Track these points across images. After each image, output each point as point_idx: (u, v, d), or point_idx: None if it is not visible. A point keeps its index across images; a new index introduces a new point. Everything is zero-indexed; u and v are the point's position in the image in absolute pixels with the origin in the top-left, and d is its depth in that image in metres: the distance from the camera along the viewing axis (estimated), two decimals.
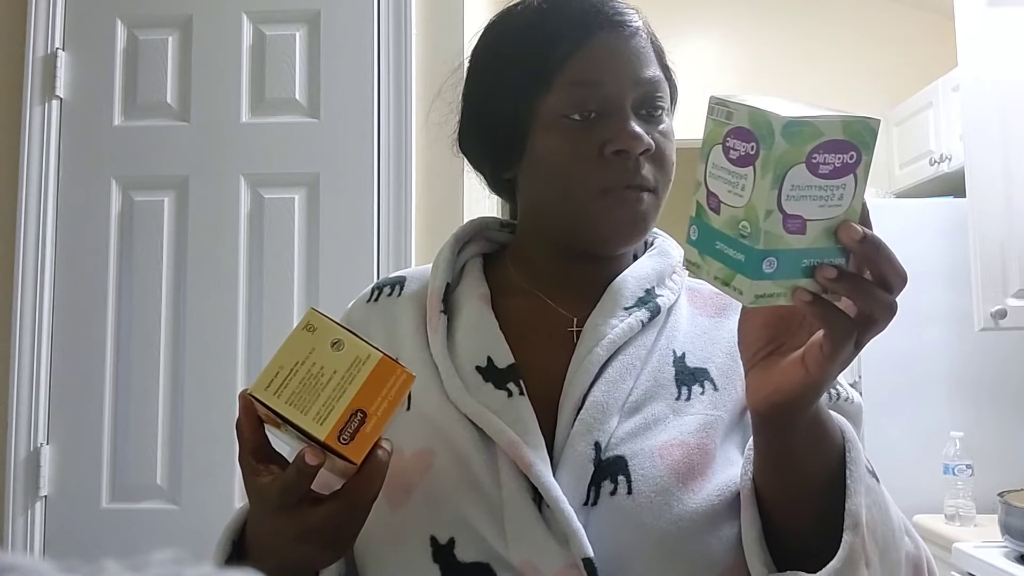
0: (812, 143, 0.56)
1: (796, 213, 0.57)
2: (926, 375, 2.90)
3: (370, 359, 0.65)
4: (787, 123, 0.55)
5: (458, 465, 0.76)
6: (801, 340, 0.64)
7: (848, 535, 0.67)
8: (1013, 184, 2.54)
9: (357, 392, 0.64)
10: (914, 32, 3.78)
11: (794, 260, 0.58)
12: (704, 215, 0.62)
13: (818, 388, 0.63)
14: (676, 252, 0.89)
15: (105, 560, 0.28)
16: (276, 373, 0.65)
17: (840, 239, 0.58)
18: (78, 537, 2.03)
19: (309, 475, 0.64)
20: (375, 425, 0.64)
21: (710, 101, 0.62)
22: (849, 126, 0.57)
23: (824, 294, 0.59)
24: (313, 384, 0.64)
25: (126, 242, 2.13)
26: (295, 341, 0.65)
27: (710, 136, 0.61)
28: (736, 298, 0.59)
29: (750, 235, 0.57)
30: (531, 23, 0.83)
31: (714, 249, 0.61)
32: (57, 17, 2.16)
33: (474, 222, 0.93)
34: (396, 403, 0.65)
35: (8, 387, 2.07)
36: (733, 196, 0.59)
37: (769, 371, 0.65)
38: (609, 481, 0.74)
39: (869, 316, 0.59)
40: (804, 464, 0.70)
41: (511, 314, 0.84)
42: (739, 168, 0.58)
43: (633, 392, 0.78)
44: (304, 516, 0.66)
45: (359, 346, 0.66)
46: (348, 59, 2.13)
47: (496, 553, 0.73)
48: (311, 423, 0.64)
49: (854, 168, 0.58)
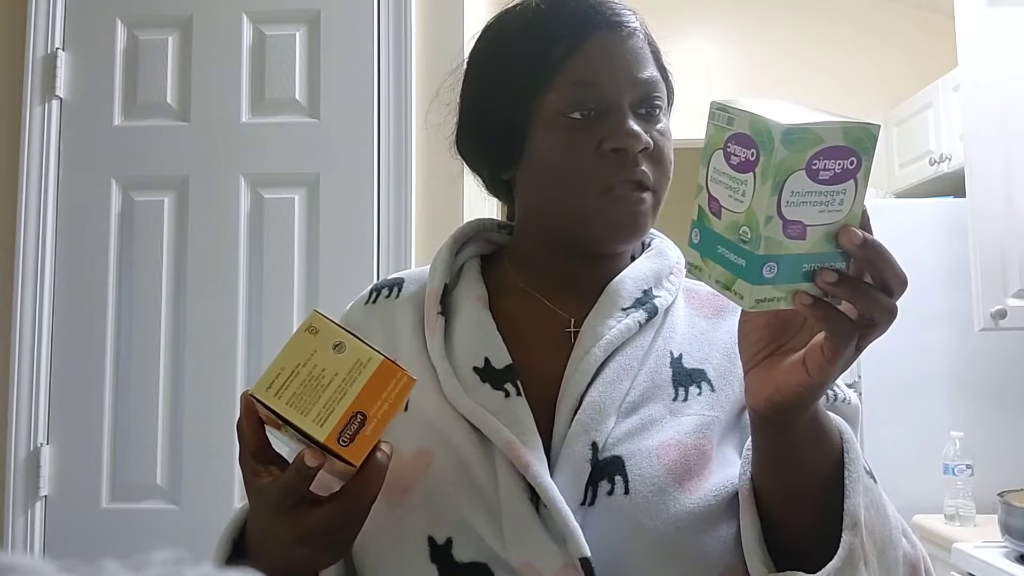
0: (812, 149, 0.56)
1: (796, 219, 0.57)
2: (926, 375, 2.90)
3: (371, 362, 0.65)
4: (787, 130, 0.56)
5: (456, 465, 0.76)
6: (801, 341, 0.64)
7: (847, 535, 0.67)
8: (1013, 184, 2.54)
9: (358, 395, 0.65)
10: (914, 32, 3.78)
11: (795, 265, 0.58)
12: (706, 219, 0.62)
13: (818, 389, 0.63)
14: (673, 253, 0.90)
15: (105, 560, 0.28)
16: (277, 374, 0.65)
17: (841, 243, 0.58)
18: (78, 537, 2.03)
19: (308, 476, 0.64)
20: (375, 428, 0.65)
21: (711, 106, 0.62)
22: (849, 132, 0.57)
23: (825, 298, 0.59)
24: (314, 386, 0.64)
25: (126, 242, 2.13)
26: (297, 342, 0.65)
27: (711, 141, 0.62)
28: (737, 302, 0.60)
29: (750, 240, 0.58)
30: (530, 23, 0.83)
31: (716, 253, 0.61)
32: (57, 17, 2.16)
33: (472, 223, 0.93)
34: (397, 406, 0.65)
35: (8, 387, 2.07)
36: (734, 201, 0.59)
37: (770, 372, 0.65)
38: (606, 481, 0.74)
39: (870, 319, 0.59)
40: (803, 464, 0.70)
41: (509, 315, 0.85)
42: (740, 174, 0.59)
43: (630, 393, 0.79)
44: (303, 517, 0.66)
45: (361, 349, 0.66)
46: (348, 59, 2.13)
47: (494, 553, 0.73)
48: (311, 425, 0.64)
49: (854, 173, 0.58)
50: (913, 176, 3.44)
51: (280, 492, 0.65)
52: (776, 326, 0.65)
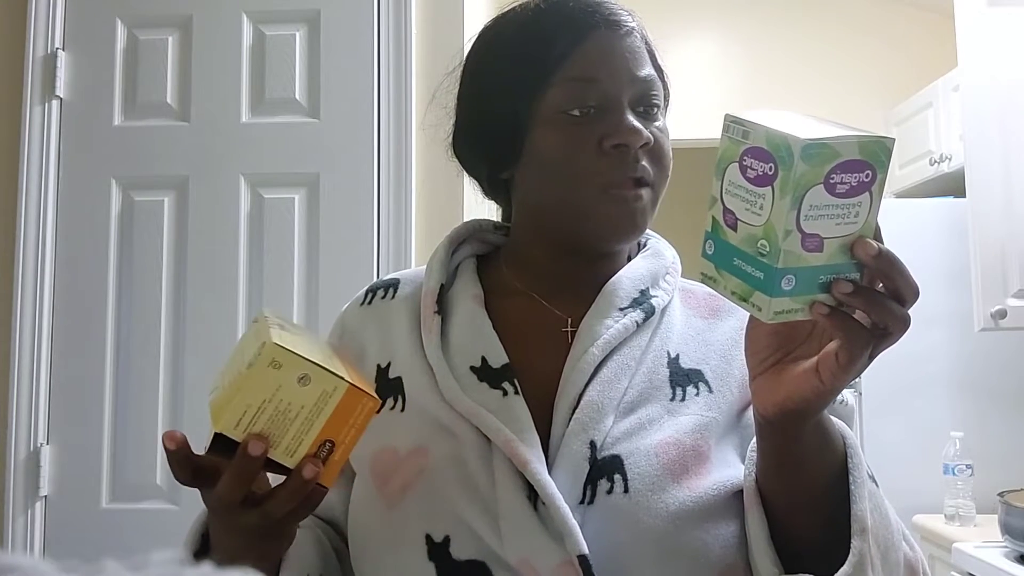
0: (830, 164, 0.57)
1: (814, 232, 0.58)
2: (926, 375, 2.90)
3: (337, 391, 0.66)
4: (806, 145, 0.56)
5: (454, 464, 0.76)
6: (810, 349, 0.65)
7: (856, 540, 0.68)
8: (1013, 184, 2.54)
9: (325, 424, 0.66)
10: (914, 32, 3.78)
11: (811, 277, 0.59)
12: (720, 231, 0.63)
13: (830, 396, 0.64)
14: (669, 253, 0.90)
15: (105, 560, 0.28)
16: (244, 412, 0.64)
17: (856, 255, 0.59)
18: (78, 537, 2.03)
19: (252, 474, 0.65)
20: (343, 452, 0.67)
21: (725, 119, 0.63)
22: (865, 146, 0.58)
23: (840, 307, 0.60)
24: (282, 420, 0.65)
25: (126, 242, 2.13)
26: (261, 378, 0.64)
27: (726, 153, 0.62)
28: (755, 314, 0.61)
29: (769, 254, 0.59)
30: (529, 23, 0.84)
31: (732, 265, 0.62)
32: (57, 17, 2.16)
33: (468, 224, 0.93)
34: (363, 429, 0.67)
35: (8, 387, 2.07)
36: (751, 214, 0.60)
37: (780, 378, 0.66)
38: (605, 480, 0.74)
39: (884, 328, 0.60)
40: (809, 469, 0.71)
41: (505, 314, 0.85)
42: (757, 187, 0.59)
43: (628, 392, 0.79)
44: (241, 516, 0.67)
45: (326, 379, 0.65)
46: (348, 59, 2.13)
47: (491, 551, 0.73)
48: (282, 456, 0.66)
49: (869, 186, 0.59)
50: (913, 176, 3.44)
51: (222, 496, 0.66)
52: (784, 334, 0.66)
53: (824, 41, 3.82)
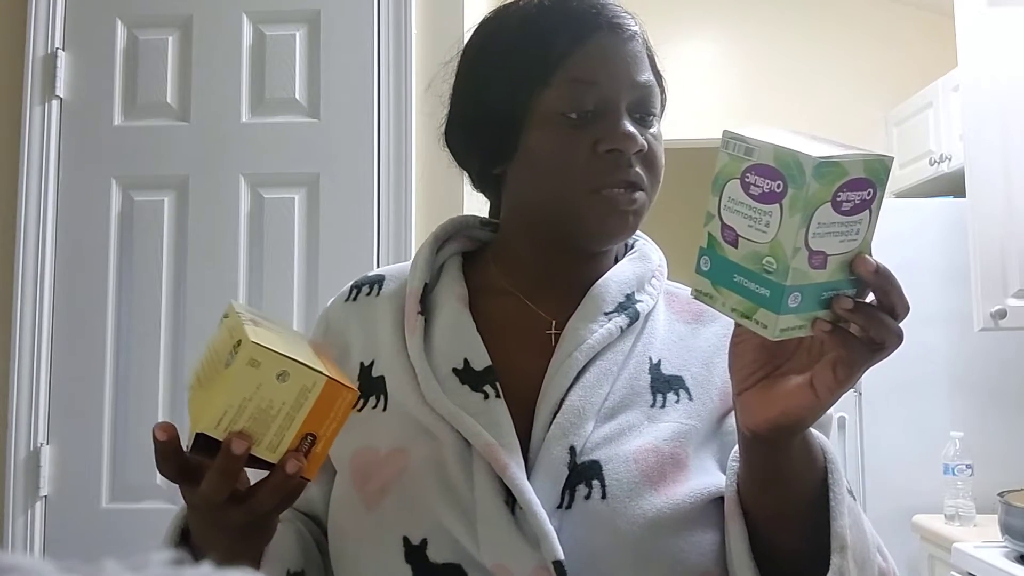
0: (838, 182, 0.58)
1: (820, 249, 0.59)
2: (926, 375, 2.90)
3: (316, 385, 0.66)
4: (818, 164, 0.56)
5: (433, 466, 0.76)
6: (798, 364, 0.65)
7: (836, 557, 0.68)
8: (1013, 184, 2.54)
9: (306, 418, 0.66)
10: (914, 32, 3.78)
11: (815, 293, 0.60)
12: (718, 247, 0.62)
13: (822, 411, 0.65)
14: (656, 256, 0.90)
15: (105, 560, 0.28)
16: (224, 412, 0.65)
17: (856, 271, 0.60)
18: (78, 537, 2.03)
19: (236, 472, 0.66)
20: (324, 445, 0.67)
21: (724, 135, 0.63)
22: (869, 165, 0.59)
23: (839, 323, 0.61)
24: (262, 417, 0.65)
25: (126, 242, 2.13)
26: (240, 377, 0.65)
27: (725, 170, 0.62)
28: (759, 331, 0.60)
29: (776, 271, 0.58)
30: (531, 19, 0.83)
31: (732, 282, 0.62)
32: (57, 17, 2.16)
33: (454, 220, 0.93)
34: (343, 421, 0.67)
35: (8, 387, 2.07)
36: (755, 231, 0.60)
37: (771, 394, 0.65)
38: (584, 485, 0.74)
39: (880, 343, 0.61)
40: (792, 483, 0.71)
41: (490, 315, 0.85)
42: (763, 204, 0.59)
43: (609, 398, 0.79)
44: (226, 514, 0.68)
45: (304, 374, 0.66)
46: (348, 59, 2.13)
47: (468, 554, 0.73)
48: (265, 452, 0.66)
49: (870, 204, 0.60)
50: (913, 176, 3.44)
51: (208, 495, 0.67)
52: (771, 349, 0.66)
53: (824, 41, 3.82)
